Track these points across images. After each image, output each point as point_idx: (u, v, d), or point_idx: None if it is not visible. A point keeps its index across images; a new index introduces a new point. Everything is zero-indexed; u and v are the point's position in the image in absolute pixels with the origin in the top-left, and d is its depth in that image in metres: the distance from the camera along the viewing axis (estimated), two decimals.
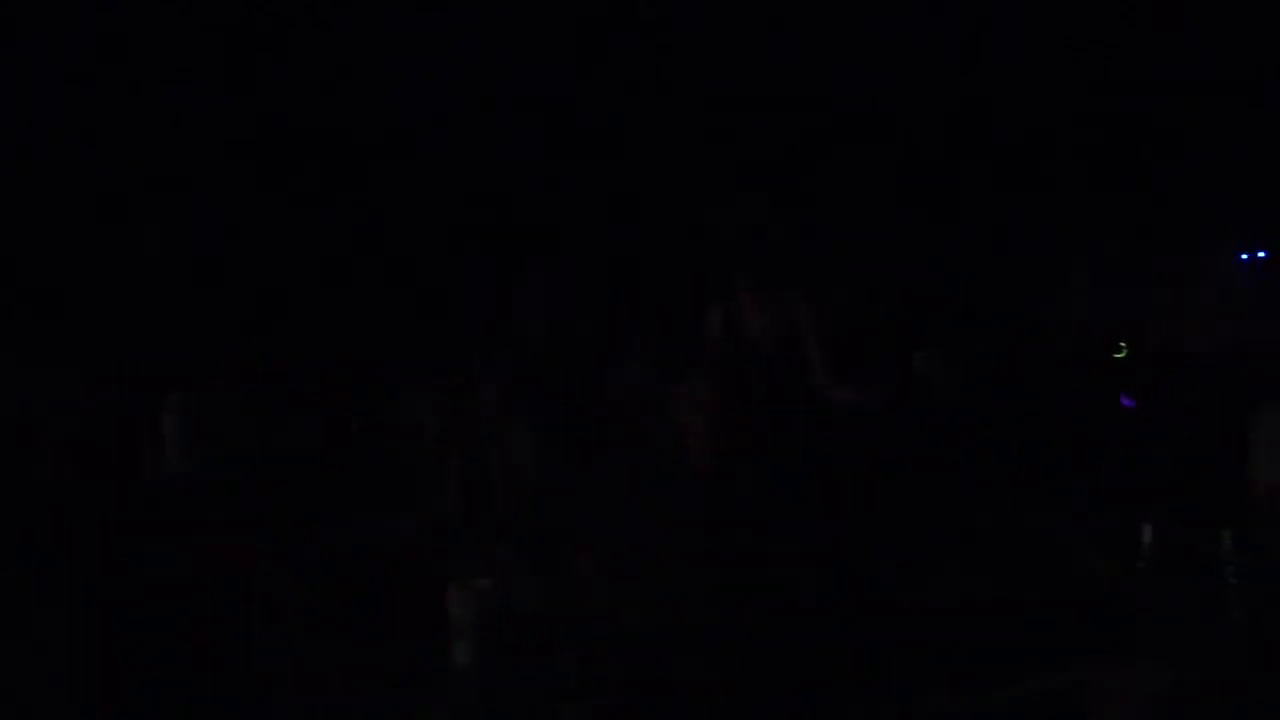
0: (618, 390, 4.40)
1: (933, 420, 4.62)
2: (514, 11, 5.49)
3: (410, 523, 4.40)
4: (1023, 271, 5.69)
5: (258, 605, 3.77)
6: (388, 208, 5.65)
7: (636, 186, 5.62)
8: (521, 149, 5.73)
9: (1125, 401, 5.39)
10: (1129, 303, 5.71)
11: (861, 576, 3.74)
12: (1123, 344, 5.50)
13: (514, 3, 5.57)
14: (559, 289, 5.05)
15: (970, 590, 3.81)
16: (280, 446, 4.79)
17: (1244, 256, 5.90)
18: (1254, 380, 4.71)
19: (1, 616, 3.48)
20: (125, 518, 4.04)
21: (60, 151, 5.69)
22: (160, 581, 3.72)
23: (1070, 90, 5.46)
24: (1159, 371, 5.33)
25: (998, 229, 5.69)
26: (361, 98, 5.73)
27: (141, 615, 3.57)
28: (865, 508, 3.89)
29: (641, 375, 4.37)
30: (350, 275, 5.52)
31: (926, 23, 5.56)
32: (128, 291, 5.65)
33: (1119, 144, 5.59)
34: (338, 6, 5.60)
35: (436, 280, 5.51)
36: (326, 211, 5.63)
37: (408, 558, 4.11)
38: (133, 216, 5.77)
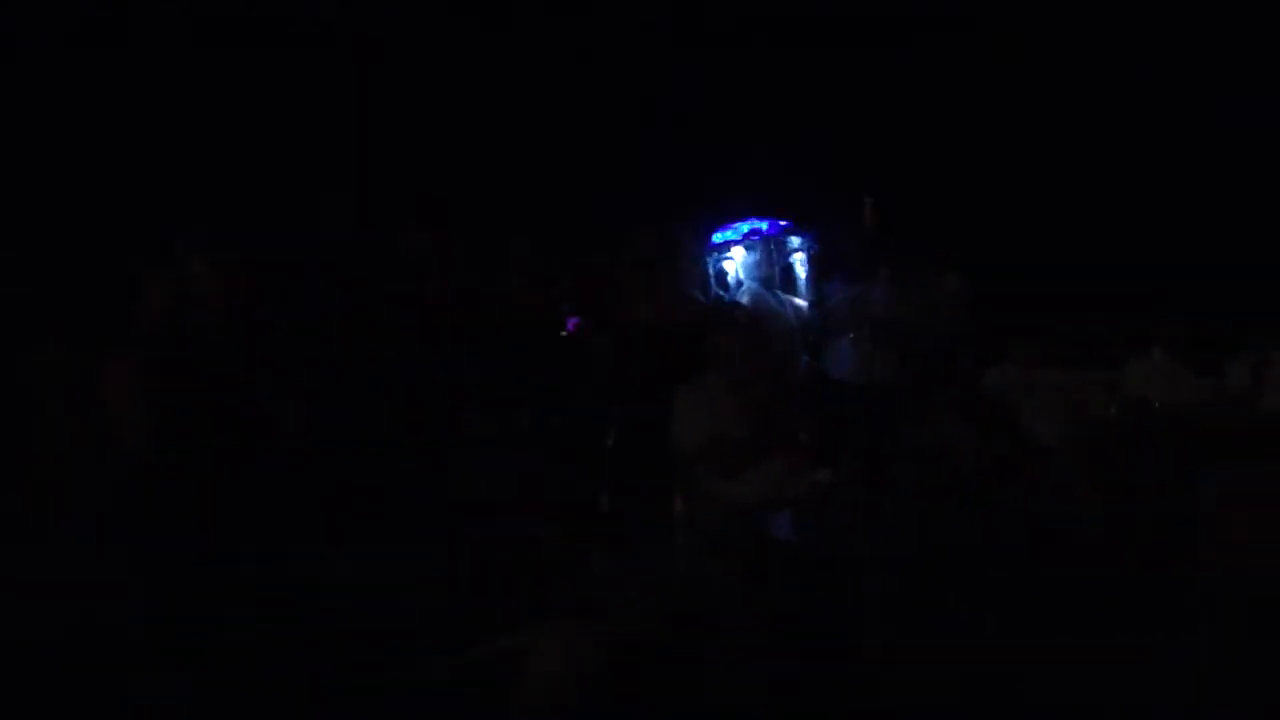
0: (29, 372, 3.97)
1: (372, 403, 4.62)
2: None
3: None
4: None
5: None
6: None
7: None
8: None
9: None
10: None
11: (298, 556, 3.69)
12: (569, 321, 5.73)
13: None
14: None
15: (409, 564, 3.87)
16: None
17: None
18: (689, 353, 5.12)
19: None
20: None
21: None
22: None
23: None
24: (610, 346, 5.66)
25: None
26: None
27: None
28: (299, 488, 3.84)
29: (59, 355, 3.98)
30: None
31: None
32: None
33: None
34: None
35: None
36: None
37: None
38: None
